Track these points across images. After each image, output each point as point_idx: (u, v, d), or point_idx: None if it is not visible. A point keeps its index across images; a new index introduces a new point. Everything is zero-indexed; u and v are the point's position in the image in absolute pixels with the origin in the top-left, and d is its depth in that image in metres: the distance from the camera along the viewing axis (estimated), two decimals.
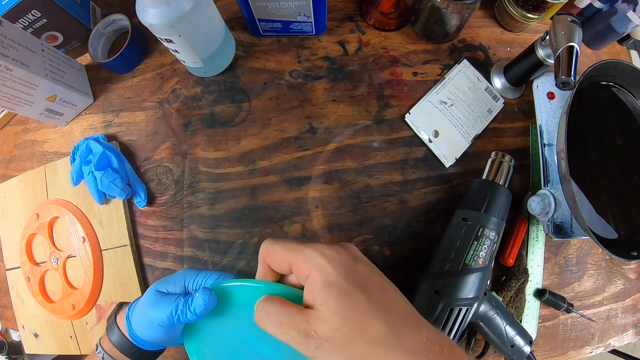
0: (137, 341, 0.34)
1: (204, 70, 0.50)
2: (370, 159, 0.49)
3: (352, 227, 0.48)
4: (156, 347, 0.35)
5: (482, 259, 0.40)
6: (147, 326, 0.33)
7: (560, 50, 0.39)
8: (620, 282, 0.52)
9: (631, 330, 0.52)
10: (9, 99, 0.44)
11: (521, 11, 0.51)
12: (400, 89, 0.52)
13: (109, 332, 0.35)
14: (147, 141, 0.51)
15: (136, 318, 0.34)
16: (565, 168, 0.40)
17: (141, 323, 0.33)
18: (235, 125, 0.50)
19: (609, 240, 0.44)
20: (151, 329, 0.33)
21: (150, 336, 0.33)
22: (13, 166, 0.56)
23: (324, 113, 0.51)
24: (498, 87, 0.53)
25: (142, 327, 0.33)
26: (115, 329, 0.35)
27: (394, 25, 0.53)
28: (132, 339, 0.34)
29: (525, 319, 0.48)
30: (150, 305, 0.33)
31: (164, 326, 0.32)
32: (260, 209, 0.48)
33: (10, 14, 0.44)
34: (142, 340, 0.34)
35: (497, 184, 0.44)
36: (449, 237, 0.43)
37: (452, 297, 0.39)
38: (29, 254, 0.52)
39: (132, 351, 0.34)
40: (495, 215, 0.42)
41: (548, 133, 0.49)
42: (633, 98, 0.49)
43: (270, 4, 0.45)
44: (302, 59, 0.52)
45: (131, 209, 0.50)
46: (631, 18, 0.48)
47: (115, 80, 0.54)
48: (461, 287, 0.39)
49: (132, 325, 0.34)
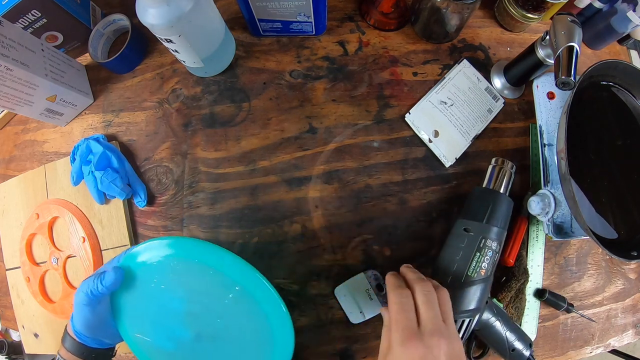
0: (80, 338, 0.36)
1: (204, 70, 0.50)
2: (370, 159, 0.49)
3: (352, 227, 0.48)
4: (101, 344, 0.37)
5: (484, 270, 0.40)
6: (78, 313, 0.35)
7: (560, 50, 0.39)
8: (620, 282, 0.52)
9: (631, 330, 0.52)
10: (9, 99, 0.44)
11: (521, 11, 0.51)
12: (400, 89, 0.52)
13: (63, 340, 0.37)
14: (147, 141, 0.51)
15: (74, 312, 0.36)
16: (565, 168, 0.40)
17: (75, 315, 0.36)
18: (235, 125, 0.50)
19: (609, 240, 0.44)
20: (80, 314, 0.35)
21: (82, 323, 0.35)
22: (13, 166, 0.56)
23: (324, 113, 0.51)
24: (498, 87, 0.53)
25: (77, 318, 0.36)
26: (66, 336, 0.37)
27: (394, 25, 0.53)
28: (77, 337, 0.36)
29: (526, 319, 0.48)
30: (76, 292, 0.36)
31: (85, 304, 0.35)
32: (260, 209, 0.48)
33: (10, 14, 0.44)
34: (83, 336, 0.36)
35: (498, 192, 0.43)
36: (451, 247, 0.42)
37: (455, 310, 0.39)
38: (29, 254, 0.52)
39: (80, 351, 0.36)
40: (497, 225, 0.41)
41: (548, 133, 0.49)
42: (633, 98, 0.49)
43: (270, 4, 0.45)
44: (302, 59, 0.52)
45: (131, 209, 0.50)
46: (631, 18, 0.48)
47: (115, 80, 0.54)
48: (464, 299, 0.39)
49: (73, 322, 0.36)
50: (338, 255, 0.47)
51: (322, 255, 0.47)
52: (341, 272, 0.47)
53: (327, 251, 0.47)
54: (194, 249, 0.35)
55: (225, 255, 0.34)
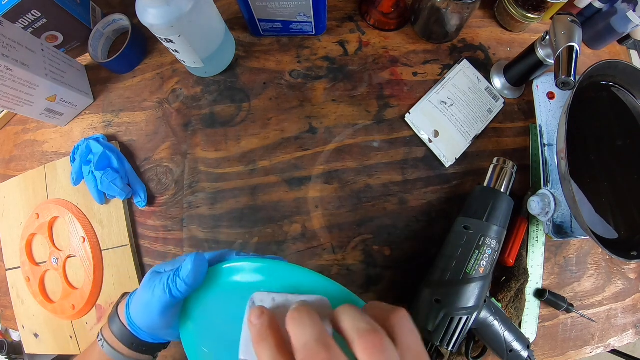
0: (134, 330, 0.33)
1: (204, 70, 0.50)
2: (370, 159, 0.49)
3: (352, 227, 0.48)
4: (155, 339, 0.34)
5: (483, 268, 0.40)
6: (142, 308, 0.31)
7: (560, 50, 0.39)
8: (620, 282, 0.52)
9: (631, 330, 0.52)
10: (9, 99, 0.44)
11: (521, 11, 0.51)
12: (400, 89, 0.52)
13: (110, 320, 0.34)
14: (147, 141, 0.51)
15: (134, 304, 0.33)
16: (565, 168, 0.40)
17: (137, 307, 0.32)
18: (235, 125, 0.50)
19: (609, 240, 0.44)
20: (145, 311, 0.30)
21: (146, 321, 0.31)
22: (13, 166, 0.56)
23: (324, 113, 0.51)
24: (498, 87, 0.53)
25: (138, 311, 0.32)
26: (115, 318, 0.34)
27: (394, 25, 0.53)
28: (130, 327, 0.33)
29: (525, 319, 0.48)
30: (144, 285, 0.31)
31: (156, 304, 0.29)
32: (260, 209, 0.48)
33: (10, 14, 0.44)
34: (139, 329, 0.32)
35: (499, 191, 0.44)
36: (450, 245, 0.43)
37: (453, 306, 0.39)
38: (29, 254, 0.52)
39: (130, 341, 0.33)
40: (497, 224, 0.42)
41: (548, 133, 0.49)
42: (633, 98, 0.49)
43: (270, 4, 0.45)
44: (302, 59, 0.52)
45: (131, 209, 0.50)
46: (631, 18, 0.48)
47: (115, 80, 0.54)
48: (462, 296, 0.39)
49: (131, 313, 0.33)
50: (338, 255, 0.47)
51: (322, 255, 0.47)
52: (341, 272, 0.47)
53: (327, 251, 0.47)
54: (301, 281, 0.27)
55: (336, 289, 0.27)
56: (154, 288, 0.29)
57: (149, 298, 0.30)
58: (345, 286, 0.28)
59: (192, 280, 0.28)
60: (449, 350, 0.40)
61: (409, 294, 0.45)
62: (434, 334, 0.39)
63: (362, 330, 0.18)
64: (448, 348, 0.39)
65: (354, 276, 0.47)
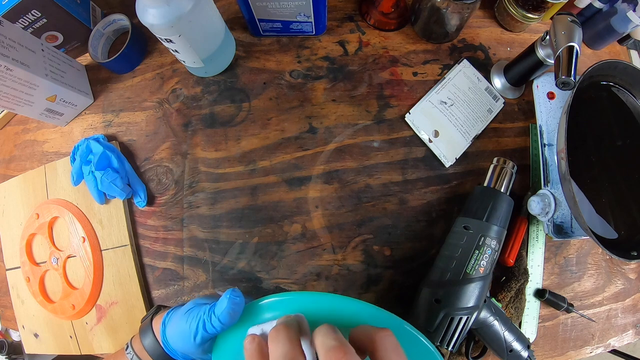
0: (168, 349, 0.33)
1: (204, 70, 0.50)
2: (370, 159, 0.49)
3: (352, 227, 0.48)
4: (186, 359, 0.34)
5: (483, 268, 0.40)
6: (178, 334, 0.32)
7: (560, 50, 0.39)
8: (620, 282, 0.52)
9: (631, 330, 0.52)
10: (9, 99, 0.44)
11: (521, 11, 0.51)
12: (400, 89, 0.52)
13: (142, 334, 0.34)
14: (147, 141, 0.51)
15: (171, 325, 0.33)
16: (565, 168, 0.40)
17: (174, 330, 0.32)
18: (235, 125, 0.50)
19: (609, 240, 0.44)
20: (181, 337, 0.31)
21: (181, 347, 0.32)
22: (13, 166, 0.56)
23: (324, 113, 0.51)
24: (498, 87, 0.53)
25: (174, 334, 0.32)
26: (149, 332, 0.34)
27: (394, 25, 0.53)
28: (164, 346, 0.33)
29: (526, 319, 0.48)
30: (185, 312, 0.32)
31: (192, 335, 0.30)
32: (260, 209, 0.48)
33: (10, 14, 0.44)
34: (174, 350, 0.32)
35: (499, 191, 0.44)
36: (450, 245, 0.43)
37: (453, 306, 0.39)
38: (29, 254, 0.52)
39: (161, 358, 0.33)
40: (497, 224, 0.42)
41: (548, 133, 0.49)
42: (633, 98, 0.49)
43: (270, 4, 0.45)
44: (302, 59, 0.52)
45: (131, 209, 0.50)
46: (631, 18, 0.48)
47: (115, 80, 0.54)
48: (462, 296, 0.39)
49: (167, 332, 0.33)
50: (338, 255, 0.47)
51: (322, 255, 0.47)
52: (341, 272, 0.47)
53: (327, 251, 0.47)
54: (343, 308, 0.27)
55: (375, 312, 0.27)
56: (191, 320, 0.31)
57: (186, 329, 0.31)
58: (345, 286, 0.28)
59: (227, 319, 0.29)
60: (449, 350, 0.40)
61: (409, 294, 0.45)
62: (434, 334, 0.39)
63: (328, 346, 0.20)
64: (448, 348, 0.39)
65: (354, 276, 0.47)
